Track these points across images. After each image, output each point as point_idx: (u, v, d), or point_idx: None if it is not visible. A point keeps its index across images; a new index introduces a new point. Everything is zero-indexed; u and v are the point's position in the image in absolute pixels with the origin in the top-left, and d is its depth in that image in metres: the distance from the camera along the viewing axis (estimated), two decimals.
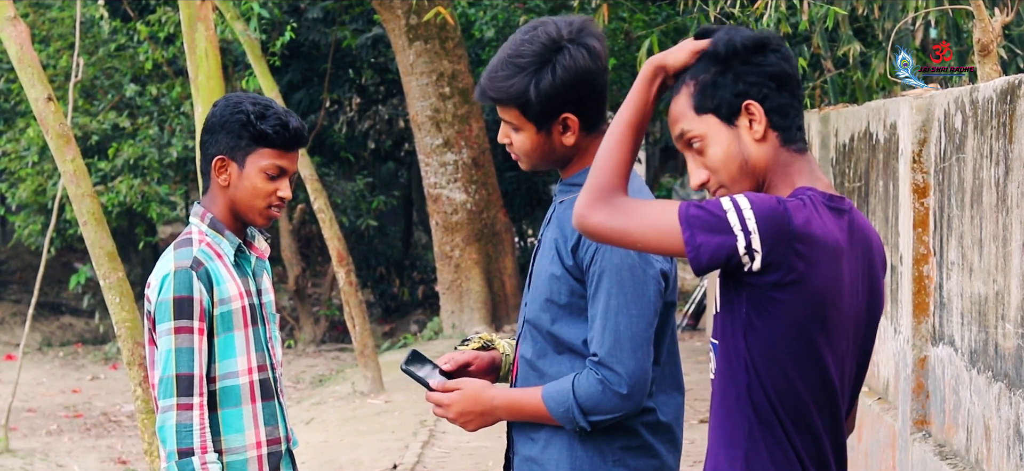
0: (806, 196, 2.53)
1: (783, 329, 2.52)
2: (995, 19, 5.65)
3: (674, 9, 11.22)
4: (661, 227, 2.51)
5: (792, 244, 2.48)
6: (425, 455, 8.60)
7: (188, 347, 3.46)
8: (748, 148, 2.58)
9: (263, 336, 3.63)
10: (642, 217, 2.53)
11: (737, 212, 2.47)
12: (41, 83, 6.59)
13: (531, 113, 3.12)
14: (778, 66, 2.57)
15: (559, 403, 3.10)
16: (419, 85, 13.59)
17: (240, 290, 3.57)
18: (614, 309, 3.05)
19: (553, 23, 3.14)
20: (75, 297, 17.50)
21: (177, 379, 3.45)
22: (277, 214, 3.62)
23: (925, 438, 5.20)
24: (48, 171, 14.88)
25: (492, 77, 3.13)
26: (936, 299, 5.18)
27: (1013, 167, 4.16)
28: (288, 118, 3.56)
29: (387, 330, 16.36)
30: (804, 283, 2.50)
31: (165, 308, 3.47)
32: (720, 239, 2.46)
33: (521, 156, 3.21)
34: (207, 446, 3.46)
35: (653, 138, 20.69)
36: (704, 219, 2.48)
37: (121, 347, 6.46)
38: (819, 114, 7.56)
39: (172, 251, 3.55)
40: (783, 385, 2.54)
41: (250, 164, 3.54)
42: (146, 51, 15.12)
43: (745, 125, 2.57)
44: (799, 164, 2.60)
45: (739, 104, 2.57)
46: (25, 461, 10.47)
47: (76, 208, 6.53)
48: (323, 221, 11.00)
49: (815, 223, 2.50)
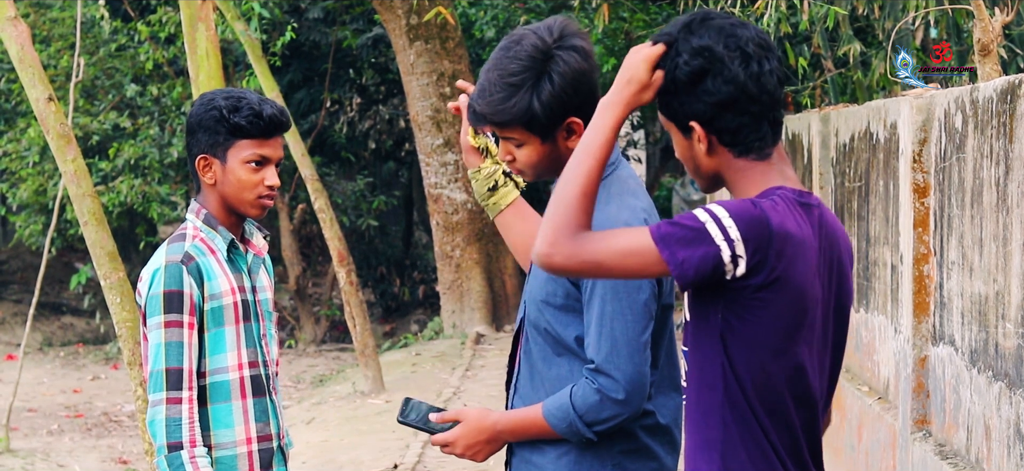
0: (777, 195, 2.56)
1: (765, 328, 2.54)
2: (995, 19, 5.65)
3: (674, 9, 11.22)
4: (635, 251, 2.52)
5: (772, 244, 2.51)
6: (425, 455, 8.60)
7: (177, 341, 3.48)
8: (700, 158, 2.64)
9: (256, 332, 3.63)
10: (612, 246, 2.53)
11: (716, 222, 2.49)
12: (42, 83, 6.59)
13: (536, 127, 3.10)
14: (720, 92, 2.57)
15: (561, 418, 3.09)
16: (420, 85, 13.60)
17: (232, 286, 3.58)
18: (609, 315, 3.04)
19: (532, 32, 3.10)
20: (76, 297, 17.50)
21: (166, 373, 3.47)
22: (269, 203, 3.62)
23: (925, 438, 5.20)
24: (49, 171, 14.88)
25: (488, 102, 3.09)
26: (936, 299, 5.18)
27: (1013, 167, 4.16)
28: (261, 107, 3.56)
29: (388, 330, 16.36)
30: (785, 281, 2.53)
31: (155, 302, 3.49)
32: (703, 250, 2.49)
33: (526, 170, 3.18)
34: (197, 440, 3.48)
35: (653, 138, 20.68)
36: (680, 235, 2.50)
37: (122, 347, 6.46)
38: (819, 114, 7.56)
39: (165, 246, 3.59)
40: (762, 383, 2.57)
41: (231, 158, 3.56)
42: (147, 51, 15.12)
43: (694, 139, 2.63)
44: (762, 168, 2.62)
45: (686, 123, 2.62)
46: (26, 461, 10.47)
47: (77, 208, 6.53)
48: (324, 221, 11.00)
49: (789, 221, 2.54)
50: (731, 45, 2.58)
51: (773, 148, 2.64)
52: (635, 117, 19.26)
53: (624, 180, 3.19)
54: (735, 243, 2.48)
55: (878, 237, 6.18)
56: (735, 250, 2.49)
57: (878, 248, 6.20)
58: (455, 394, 10.42)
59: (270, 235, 3.87)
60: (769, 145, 2.63)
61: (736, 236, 2.48)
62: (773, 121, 2.62)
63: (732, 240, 2.49)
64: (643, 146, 20.95)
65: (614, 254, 2.53)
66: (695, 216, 2.50)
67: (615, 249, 2.53)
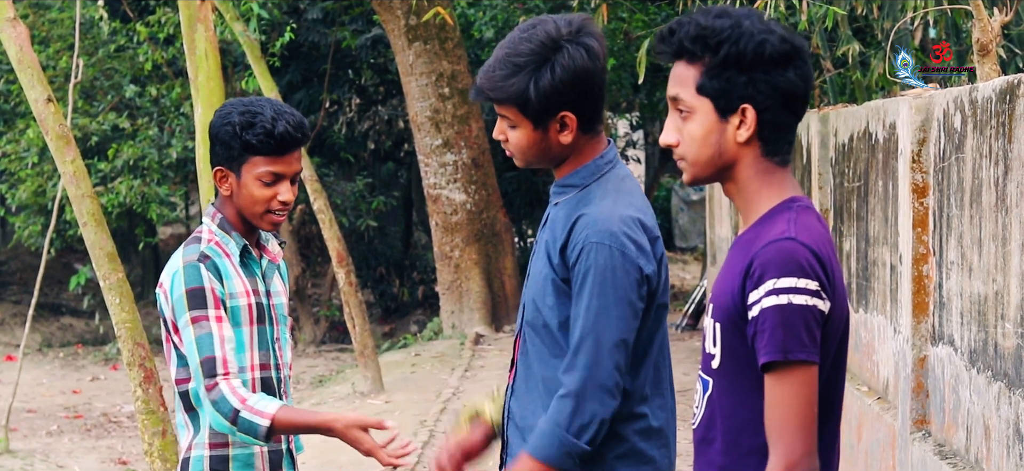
0: (800, 207, 2.53)
1: (827, 348, 2.52)
2: (994, 19, 5.65)
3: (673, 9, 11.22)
4: (810, 398, 2.46)
5: (831, 275, 2.50)
6: (425, 455, 8.60)
7: (206, 333, 3.49)
8: (728, 144, 2.54)
9: (269, 335, 3.64)
10: (797, 416, 2.46)
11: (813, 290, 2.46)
12: (41, 84, 6.59)
13: (529, 111, 3.12)
14: (793, 85, 2.51)
15: (549, 444, 3.06)
16: (418, 85, 13.59)
17: (246, 288, 3.59)
18: (594, 310, 3.04)
19: (552, 22, 3.14)
20: (75, 298, 17.49)
21: (202, 364, 3.48)
22: (279, 219, 3.61)
23: (925, 438, 5.20)
24: (48, 172, 14.88)
25: (490, 76, 3.13)
26: (936, 299, 5.18)
27: (1012, 167, 4.16)
28: (275, 125, 3.52)
29: (387, 330, 16.36)
30: (834, 298, 2.51)
31: (181, 303, 3.51)
32: (820, 331, 2.46)
33: (516, 153, 3.21)
34: (246, 396, 3.46)
35: (653, 138, 20.67)
36: (803, 326, 2.45)
37: (121, 348, 6.46)
38: (818, 114, 7.56)
39: (181, 250, 3.61)
40: (826, 397, 2.53)
41: (245, 173, 3.56)
42: (146, 52, 15.12)
43: (735, 124, 2.53)
44: (782, 175, 2.57)
45: (737, 105, 2.52)
46: (25, 462, 10.47)
47: (76, 209, 6.53)
48: (323, 222, 11.00)
49: (820, 241, 2.50)
50: (804, 46, 2.54)
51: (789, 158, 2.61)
52: (635, 117, 19.27)
53: (622, 178, 3.21)
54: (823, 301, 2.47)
55: (877, 237, 6.18)
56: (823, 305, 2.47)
57: (877, 248, 6.20)
58: (454, 394, 10.42)
59: (284, 240, 3.87)
60: (790, 153, 2.59)
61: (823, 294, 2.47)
62: None
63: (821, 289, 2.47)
64: (642, 146, 20.96)
65: (804, 417, 2.46)
66: (800, 309, 2.43)
67: (802, 414, 2.46)
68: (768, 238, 2.47)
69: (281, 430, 3.49)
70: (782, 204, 2.54)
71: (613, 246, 3.06)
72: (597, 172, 3.18)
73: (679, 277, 18.97)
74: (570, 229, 3.11)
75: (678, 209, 22.55)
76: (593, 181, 3.17)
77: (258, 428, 3.44)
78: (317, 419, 3.55)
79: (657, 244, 3.15)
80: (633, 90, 14.85)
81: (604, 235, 3.07)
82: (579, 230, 3.10)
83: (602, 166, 3.19)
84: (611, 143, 3.26)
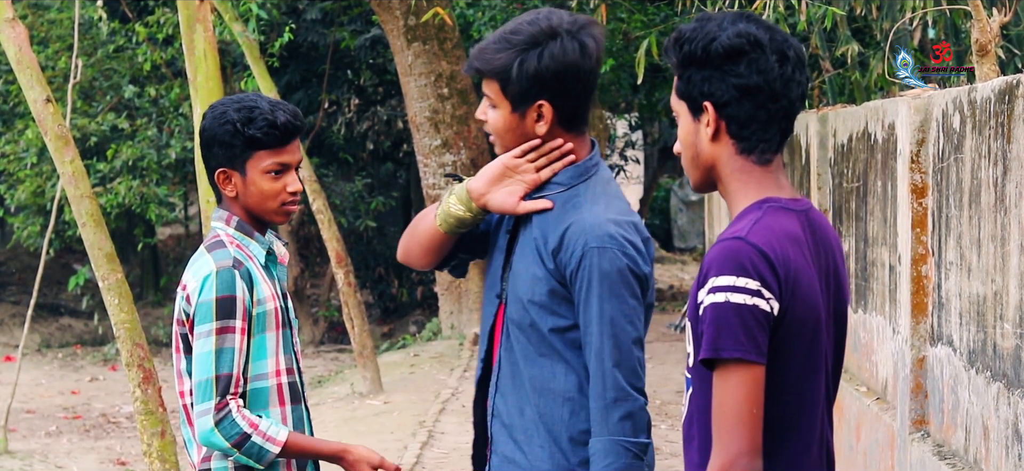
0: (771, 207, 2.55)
1: (790, 348, 2.52)
2: (993, 19, 5.65)
3: (672, 9, 11.22)
4: (755, 397, 2.46)
5: (784, 279, 2.50)
6: (424, 456, 8.60)
7: (230, 348, 3.41)
8: (702, 144, 2.61)
9: (290, 339, 3.59)
10: (732, 414, 2.47)
11: (756, 289, 2.47)
12: (40, 84, 6.58)
13: (509, 91, 3.14)
14: (747, 78, 2.55)
15: (617, 458, 3.08)
16: (417, 86, 13.59)
17: (272, 293, 3.53)
18: (609, 315, 3.06)
19: (559, 14, 3.17)
20: (74, 298, 17.48)
21: (217, 380, 3.39)
22: (294, 209, 3.57)
23: (924, 438, 5.20)
24: (47, 172, 14.86)
25: (483, 49, 3.16)
26: (934, 299, 5.18)
27: (1011, 167, 4.16)
28: (275, 115, 3.49)
29: (386, 331, 16.36)
30: (794, 298, 2.51)
31: (206, 309, 3.42)
32: (762, 331, 2.47)
33: (495, 136, 3.23)
34: (256, 421, 3.42)
35: (651, 138, 20.68)
36: (742, 326, 2.46)
37: (120, 348, 6.45)
38: (817, 114, 7.56)
39: (207, 253, 3.50)
40: (779, 416, 2.53)
41: (251, 170, 3.50)
42: (145, 52, 15.11)
43: (704, 122, 2.60)
44: (760, 174, 2.60)
45: (701, 102, 2.59)
46: (24, 462, 10.47)
47: (75, 209, 6.53)
48: (322, 222, 11.00)
49: (776, 241, 2.51)
50: (775, 42, 2.57)
51: (775, 156, 2.62)
52: (634, 118, 19.26)
53: (607, 181, 3.24)
54: (771, 300, 2.48)
55: (876, 238, 6.18)
56: (772, 307, 2.48)
57: (876, 249, 6.20)
58: (453, 395, 10.42)
59: (288, 241, 3.84)
60: (771, 152, 2.60)
61: (770, 294, 2.48)
62: (783, 129, 2.61)
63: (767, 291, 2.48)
64: (641, 146, 20.95)
65: (740, 416, 2.46)
66: (737, 306, 2.45)
67: (737, 413, 2.46)
68: (721, 237, 2.53)
69: (289, 457, 3.47)
70: (754, 204, 2.58)
71: (615, 249, 3.09)
72: (583, 174, 3.20)
73: (678, 277, 18.96)
74: (562, 234, 3.13)
75: (677, 209, 22.56)
76: (579, 182, 3.19)
77: (266, 454, 3.41)
78: (328, 448, 3.54)
79: (648, 245, 3.19)
80: (632, 90, 14.85)
81: (604, 239, 3.09)
82: (575, 235, 3.11)
83: (588, 168, 3.21)
84: (594, 146, 3.27)
